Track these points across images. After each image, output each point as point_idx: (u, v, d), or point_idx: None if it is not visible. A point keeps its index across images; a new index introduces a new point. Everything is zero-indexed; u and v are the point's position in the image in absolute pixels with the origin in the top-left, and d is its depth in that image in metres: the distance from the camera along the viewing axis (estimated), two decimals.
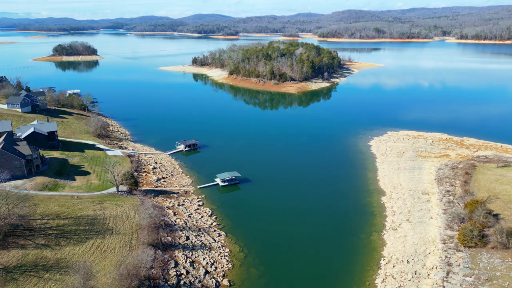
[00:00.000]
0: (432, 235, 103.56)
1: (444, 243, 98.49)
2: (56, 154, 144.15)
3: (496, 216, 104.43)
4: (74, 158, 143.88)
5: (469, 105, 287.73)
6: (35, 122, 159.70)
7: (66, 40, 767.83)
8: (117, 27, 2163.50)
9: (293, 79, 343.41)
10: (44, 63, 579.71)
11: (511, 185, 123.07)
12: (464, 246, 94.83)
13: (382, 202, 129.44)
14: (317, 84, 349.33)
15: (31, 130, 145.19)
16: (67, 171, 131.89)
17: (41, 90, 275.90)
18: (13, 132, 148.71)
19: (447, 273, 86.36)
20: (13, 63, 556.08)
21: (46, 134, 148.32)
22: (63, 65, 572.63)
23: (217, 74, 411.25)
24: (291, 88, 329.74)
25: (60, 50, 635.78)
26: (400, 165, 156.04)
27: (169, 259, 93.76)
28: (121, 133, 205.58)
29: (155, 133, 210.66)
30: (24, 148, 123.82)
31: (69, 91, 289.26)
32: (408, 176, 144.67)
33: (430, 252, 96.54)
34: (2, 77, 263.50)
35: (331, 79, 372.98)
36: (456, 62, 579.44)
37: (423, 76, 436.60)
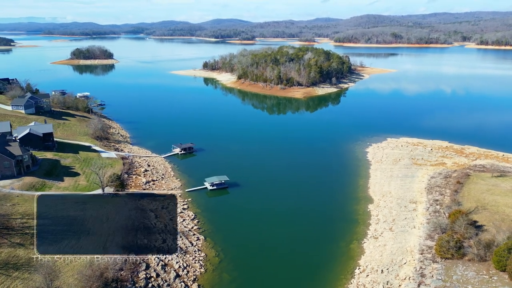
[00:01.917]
0: (411, 245, 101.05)
1: (421, 254, 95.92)
2: (49, 155, 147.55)
3: (479, 227, 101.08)
4: (66, 159, 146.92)
5: (479, 112, 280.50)
6: (32, 123, 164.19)
7: (88, 44, 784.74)
8: (137, 31, 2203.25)
9: (300, 84, 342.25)
10: (61, 67, 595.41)
11: (502, 196, 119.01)
12: (441, 257, 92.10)
13: (368, 210, 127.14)
14: (324, 89, 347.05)
15: (27, 131, 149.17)
16: (57, 172, 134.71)
17: (53, 92, 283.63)
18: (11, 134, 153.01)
19: (419, 285, 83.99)
20: (32, 66, 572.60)
21: (41, 135, 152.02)
22: (80, 69, 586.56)
23: (226, 78, 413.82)
24: (297, 93, 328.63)
25: (78, 54, 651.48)
26: (393, 173, 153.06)
27: (141, 261, 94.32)
28: (121, 135, 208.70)
29: (156, 136, 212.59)
30: (15, 149, 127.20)
31: (78, 94, 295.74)
32: (399, 184, 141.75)
33: (406, 262, 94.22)
34: (13, 79, 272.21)
35: (339, 84, 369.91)
36: (473, 68, 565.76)
37: (435, 82, 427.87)
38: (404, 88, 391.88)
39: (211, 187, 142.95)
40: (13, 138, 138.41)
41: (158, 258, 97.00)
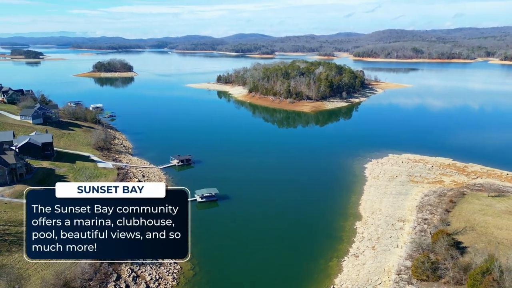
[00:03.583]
0: (389, 265, 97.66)
1: (398, 274, 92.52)
2: (45, 164, 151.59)
3: (462, 248, 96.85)
4: (61, 168, 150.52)
5: (493, 129, 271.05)
6: (33, 133, 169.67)
7: (113, 57, 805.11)
8: (161, 45, 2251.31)
9: (309, 98, 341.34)
10: (83, 79, 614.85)
11: (494, 216, 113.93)
12: (416, 279, 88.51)
13: (355, 227, 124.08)
14: (333, 104, 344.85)
15: (26, 140, 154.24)
16: (49, 181, 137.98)
17: (69, 103, 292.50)
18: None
19: None
20: (56, 78, 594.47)
21: (40, 144, 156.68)
22: (101, 81, 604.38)
23: (238, 91, 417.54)
24: (306, 107, 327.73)
25: (99, 67, 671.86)
26: (387, 190, 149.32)
27: (113, 272, 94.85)
28: (124, 146, 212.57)
29: (159, 147, 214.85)
30: (9, 157, 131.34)
31: (92, 105, 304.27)
32: (391, 201, 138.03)
33: (381, 282, 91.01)
34: (28, 91, 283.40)
35: (350, 99, 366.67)
36: (495, 84, 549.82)
37: (451, 98, 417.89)
38: (417, 104, 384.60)
39: (200, 199, 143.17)
40: (10, 147, 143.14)
41: (131, 269, 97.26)
